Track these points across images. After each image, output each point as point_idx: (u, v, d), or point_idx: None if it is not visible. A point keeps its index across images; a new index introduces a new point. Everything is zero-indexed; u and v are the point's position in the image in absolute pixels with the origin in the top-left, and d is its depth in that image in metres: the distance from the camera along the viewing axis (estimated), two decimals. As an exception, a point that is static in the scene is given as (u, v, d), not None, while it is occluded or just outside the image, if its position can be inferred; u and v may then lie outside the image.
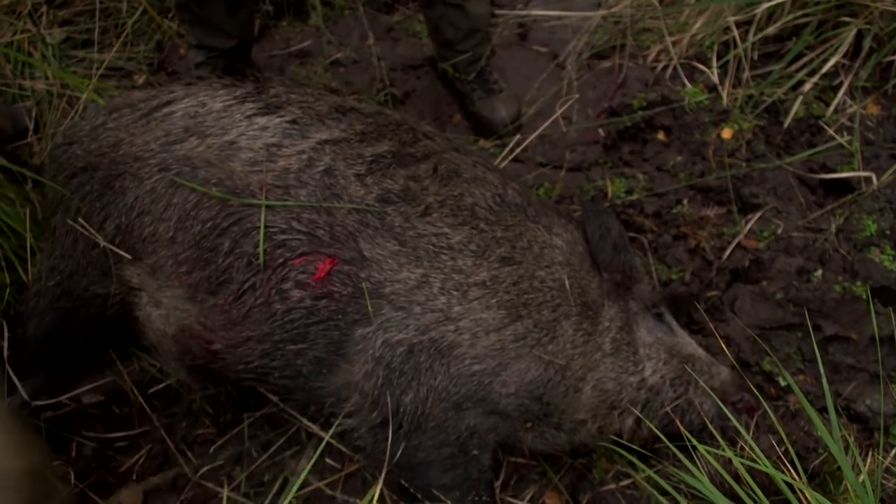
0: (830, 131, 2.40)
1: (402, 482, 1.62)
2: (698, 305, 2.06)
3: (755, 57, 2.58)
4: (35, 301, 1.78)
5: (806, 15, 2.51)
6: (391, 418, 1.57)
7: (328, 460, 1.84)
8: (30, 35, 2.68)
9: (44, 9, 2.80)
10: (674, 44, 2.64)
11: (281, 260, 1.55)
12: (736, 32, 2.55)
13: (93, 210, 1.67)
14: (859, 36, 2.49)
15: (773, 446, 1.61)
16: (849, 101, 2.48)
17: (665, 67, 2.63)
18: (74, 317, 1.75)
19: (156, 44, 2.86)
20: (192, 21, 2.41)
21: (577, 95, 2.62)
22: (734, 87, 2.53)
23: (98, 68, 2.60)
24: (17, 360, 1.78)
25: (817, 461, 1.67)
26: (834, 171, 2.32)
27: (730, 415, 1.54)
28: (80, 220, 1.66)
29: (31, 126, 2.45)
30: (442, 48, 2.60)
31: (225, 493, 1.77)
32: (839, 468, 1.57)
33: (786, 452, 1.55)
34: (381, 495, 1.43)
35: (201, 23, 2.39)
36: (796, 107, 2.45)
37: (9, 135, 2.43)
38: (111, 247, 1.64)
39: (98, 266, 1.69)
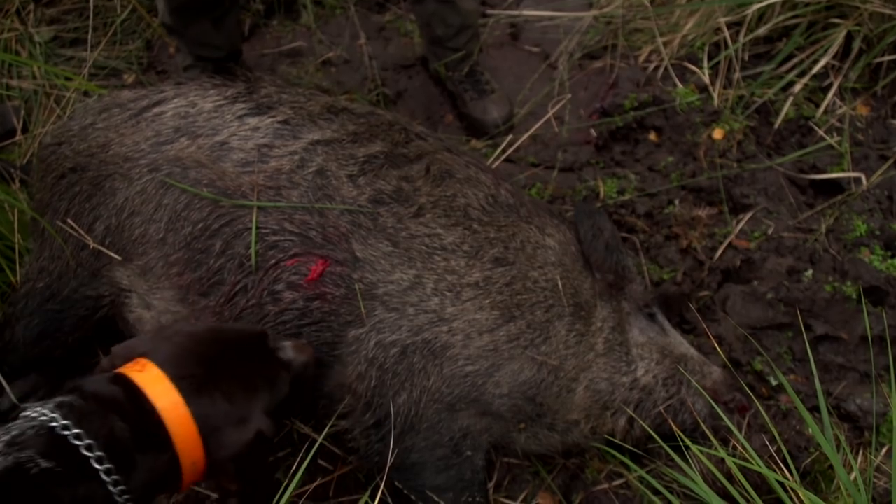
0: (820, 132, 2.42)
1: (396, 483, 1.61)
2: (690, 305, 2.06)
3: (746, 58, 2.59)
4: (24, 303, 1.75)
5: (796, 16, 2.52)
6: (384, 420, 1.56)
7: (321, 462, 1.83)
8: (17, 33, 2.65)
9: (31, 7, 2.77)
10: (665, 44, 2.64)
11: (273, 261, 1.54)
12: (727, 33, 2.56)
13: (82, 211, 1.66)
14: (849, 37, 2.50)
15: (766, 445, 1.61)
16: (838, 102, 2.50)
17: (656, 68, 2.64)
18: (63, 319, 1.73)
19: (145, 42, 2.84)
20: (179, 35, 2.39)
21: (568, 96, 2.62)
22: (725, 87, 2.54)
23: (87, 67, 2.57)
24: (6, 362, 1.76)
25: (809, 460, 1.67)
26: (824, 172, 2.33)
27: (722, 414, 1.54)
28: (69, 221, 1.64)
29: (19, 125, 2.43)
30: (433, 45, 2.60)
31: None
32: (831, 467, 1.58)
33: (778, 451, 1.56)
34: (378, 495, 1.42)
35: (189, 38, 2.38)
36: (786, 107, 2.46)
37: (-4, 134, 2.42)
38: (101, 248, 1.62)
39: (88, 267, 1.67)
